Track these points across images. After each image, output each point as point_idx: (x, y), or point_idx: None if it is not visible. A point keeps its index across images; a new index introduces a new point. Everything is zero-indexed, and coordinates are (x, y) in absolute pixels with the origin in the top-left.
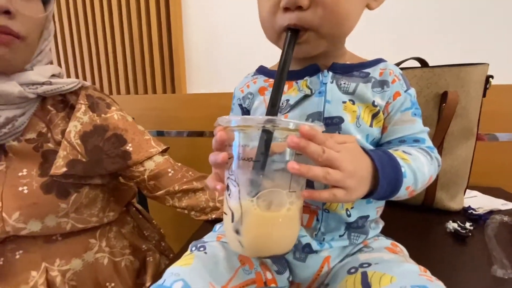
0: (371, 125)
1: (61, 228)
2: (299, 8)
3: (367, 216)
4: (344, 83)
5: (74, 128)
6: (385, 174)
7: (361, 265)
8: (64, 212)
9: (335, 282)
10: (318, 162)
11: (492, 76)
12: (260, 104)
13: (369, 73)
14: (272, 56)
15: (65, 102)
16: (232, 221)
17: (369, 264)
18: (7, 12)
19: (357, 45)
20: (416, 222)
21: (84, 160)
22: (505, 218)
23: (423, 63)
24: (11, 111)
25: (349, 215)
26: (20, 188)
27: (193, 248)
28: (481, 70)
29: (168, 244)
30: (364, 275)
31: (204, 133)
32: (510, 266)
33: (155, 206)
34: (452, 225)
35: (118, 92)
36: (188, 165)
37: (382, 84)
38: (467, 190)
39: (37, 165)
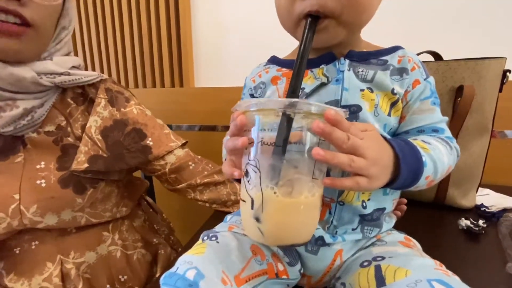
0: (389, 114)
1: (76, 222)
2: None
3: (384, 209)
4: (362, 71)
5: (94, 123)
6: (406, 162)
7: (374, 259)
8: (80, 206)
9: (347, 275)
10: (341, 149)
11: (509, 71)
12: (273, 93)
13: (387, 61)
14: (280, 50)
15: (84, 95)
16: (252, 208)
17: (383, 258)
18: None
19: (369, 37)
20: (428, 219)
21: (105, 155)
22: None
23: (437, 56)
24: (30, 101)
25: (364, 207)
26: (38, 182)
27: (205, 238)
28: (498, 64)
29: (177, 238)
30: (378, 268)
31: (216, 128)
32: None
33: (162, 198)
34: (464, 222)
35: (127, 86)
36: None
37: (401, 71)
38: (480, 188)
39: (55, 159)
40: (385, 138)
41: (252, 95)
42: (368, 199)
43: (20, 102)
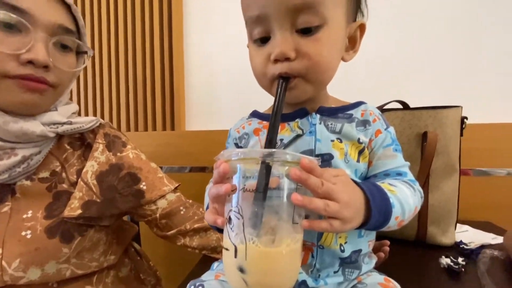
0: (358, 161)
1: (61, 275)
2: (287, 59)
3: (360, 250)
4: (331, 124)
5: (91, 168)
6: (376, 204)
7: None
8: (65, 257)
9: None
10: (317, 194)
11: (466, 117)
12: (256, 143)
13: (352, 114)
14: (264, 96)
15: (82, 139)
16: (235, 256)
17: None
18: (45, 67)
19: (340, 90)
20: (410, 258)
21: (98, 200)
22: (496, 253)
23: (404, 105)
24: (29, 149)
25: (342, 250)
26: (23, 233)
27: (192, 287)
28: (455, 112)
29: None
30: None
31: (206, 169)
32: None
33: (147, 243)
34: (445, 261)
35: (119, 128)
36: (192, 199)
37: (364, 123)
38: (458, 225)
39: (44, 206)
40: (355, 181)
41: (236, 144)
42: (345, 242)
43: (19, 150)
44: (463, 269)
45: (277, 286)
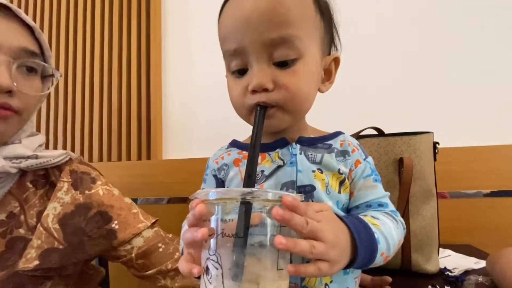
0: (339, 192)
1: None
2: (265, 90)
3: None
4: (311, 154)
5: (52, 210)
6: (362, 241)
7: None
8: None
9: None
10: (301, 234)
11: (438, 143)
12: (236, 175)
13: (331, 144)
14: (242, 125)
15: (46, 177)
16: None
17: None
18: (8, 92)
19: (317, 119)
20: (397, 287)
21: (61, 247)
22: (480, 279)
23: (379, 131)
24: None
25: None
26: None
27: None
28: (427, 138)
29: None
30: None
31: (187, 199)
32: None
33: (117, 285)
34: None
35: (91, 159)
36: (171, 233)
37: (344, 153)
38: (441, 249)
39: None
40: (339, 216)
41: (215, 176)
42: (331, 281)
43: None
44: None
45: None
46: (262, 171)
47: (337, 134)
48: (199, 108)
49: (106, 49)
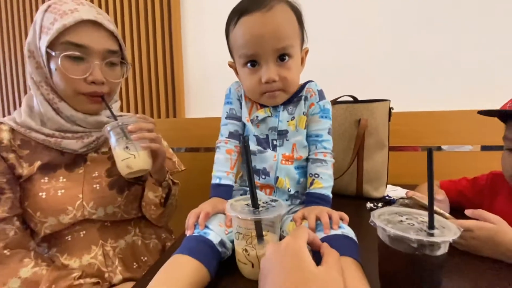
0: (305, 128)
1: (115, 216)
2: (273, 81)
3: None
4: (290, 108)
5: None
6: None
7: None
8: (118, 204)
9: None
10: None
11: (392, 108)
12: (244, 107)
13: (302, 95)
14: None
15: None
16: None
17: None
18: (102, 83)
19: None
20: (350, 205)
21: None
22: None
23: (354, 98)
24: (98, 133)
25: (289, 190)
26: (94, 186)
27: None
28: (384, 104)
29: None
30: None
31: (200, 149)
32: None
33: None
34: (369, 205)
35: None
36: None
37: (306, 98)
38: (391, 186)
39: (105, 169)
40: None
41: (238, 99)
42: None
43: (94, 133)
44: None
45: None
46: (257, 116)
47: (305, 83)
48: (214, 75)
49: (135, 28)
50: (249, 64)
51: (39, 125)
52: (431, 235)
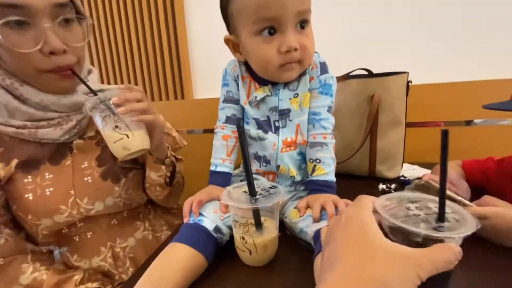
0: (308, 106)
1: (117, 207)
2: (295, 50)
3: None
4: (291, 85)
5: None
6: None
7: None
8: (118, 194)
9: None
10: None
11: (410, 81)
12: (241, 87)
13: (306, 69)
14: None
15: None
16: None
17: None
18: (63, 51)
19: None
20: (362, 186)
21: None
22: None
23: (369, 71)
24: (79, 115)
25: (292, 177)
26: (85, 178)
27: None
28: (401, 77)
29: None
30: None
31: (195, 131)
32: None
33: None
34: (381, 186)
35: None
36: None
37: (308, 71)
38: (408, 165)
39: (95, 158)
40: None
41: (235, 80)
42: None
43: (73, 117)
44: (392, 191)
45: None
46: (256, 97)
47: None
48: (219, 53)
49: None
50: (265, 31)
51: (6, 117)
52: (437, 229)
